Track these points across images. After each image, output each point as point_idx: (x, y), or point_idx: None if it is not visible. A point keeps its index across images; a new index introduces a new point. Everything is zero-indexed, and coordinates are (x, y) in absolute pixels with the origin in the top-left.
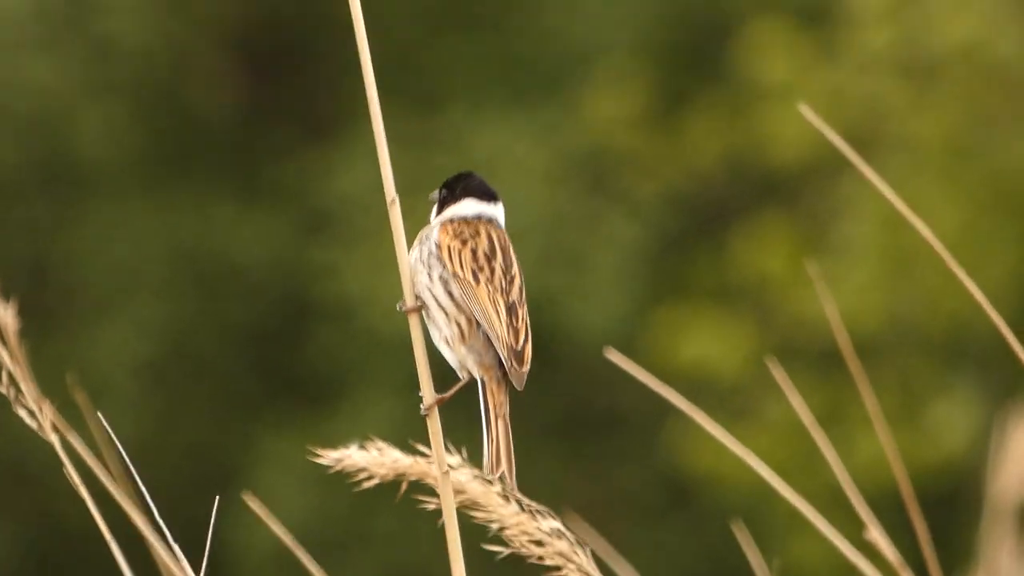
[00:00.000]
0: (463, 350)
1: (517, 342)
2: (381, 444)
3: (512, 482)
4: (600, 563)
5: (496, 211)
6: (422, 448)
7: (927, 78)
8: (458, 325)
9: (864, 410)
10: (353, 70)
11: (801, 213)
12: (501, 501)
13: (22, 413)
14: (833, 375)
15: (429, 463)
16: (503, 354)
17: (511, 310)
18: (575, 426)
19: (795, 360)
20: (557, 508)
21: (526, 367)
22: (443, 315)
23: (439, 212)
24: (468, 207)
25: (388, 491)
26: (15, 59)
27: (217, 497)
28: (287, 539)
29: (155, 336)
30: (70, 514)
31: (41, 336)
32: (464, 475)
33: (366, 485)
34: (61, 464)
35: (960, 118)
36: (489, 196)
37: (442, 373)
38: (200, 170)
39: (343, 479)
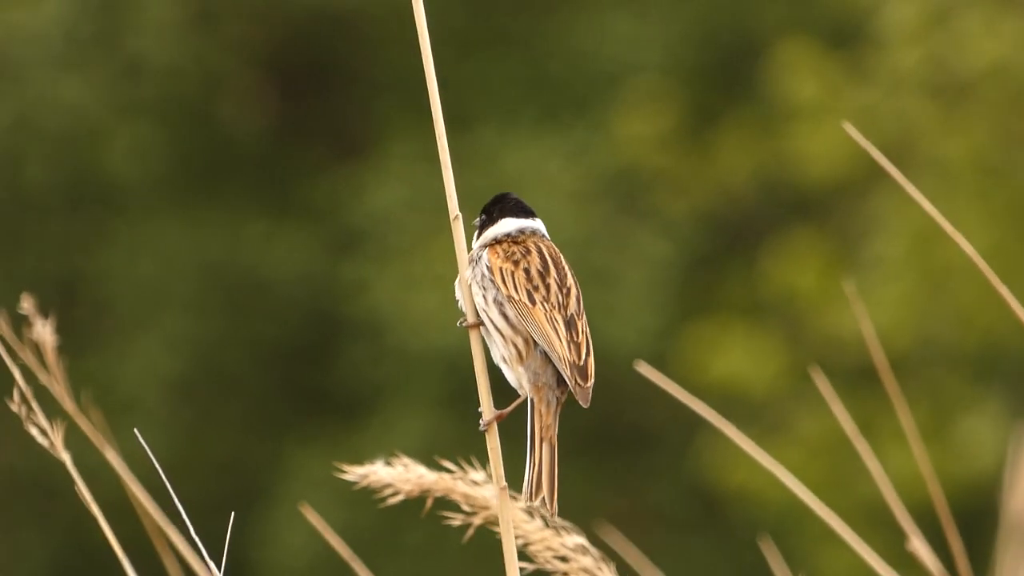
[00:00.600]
0: (520, 369)
1: (580, 357)
2: (407, 460)
3: (552, 507)
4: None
5: (536, 225)
6: (447, 464)
7: (957, 98)
8: (515, 346)
9: (894, 426)
10: (384, 89)
11: (831, 230)
12: (526, 517)
13: (34, 431)
14: (862, 391)
15: (455, 479)
16: (566, 373)
17: (570, 324)
18: (605, 441)
19: (827, 375)
20: (586, 523)
21: (590, 382)
22: (500, 336)
23: (479, 237)
24: (507, 225)
25: (416, 506)
26: (46, 78)
27: (232, 513)
28: (342, 548)
29: (185, 353)
30: (96, 528)
31: (71, 353)
32: (489, 491)
33: (392, 501)
34: (74, 482)
35: (989, 138)
36: (526, 212)
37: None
38: (230, 188)
39: (370, 495)
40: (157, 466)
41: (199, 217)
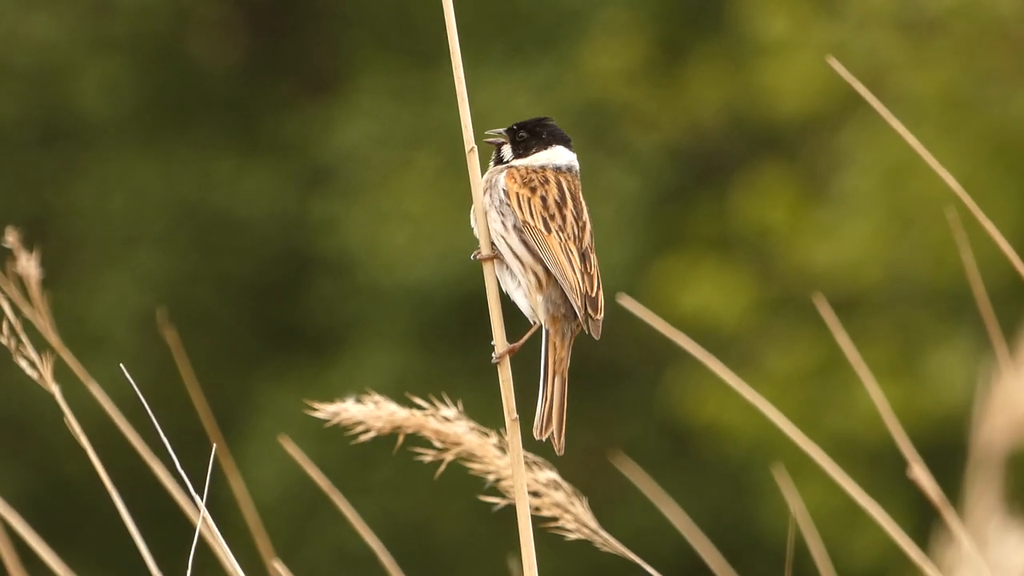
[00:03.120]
0: (539, 298)
1: (592, 289)
2: (378, 397)
3: (560, 443)
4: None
5: (575, 163)
6: (418, 401)
7: (926, 34)
8: (535, 274)
9: (865, 360)
10: (353, 24)
11: (801, 165)
12: (497, 453)
13: (23, 363)
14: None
15: (426, 416)
16: (576, 304)
17: (584, 257)
18: (574, 377)
19: (796, 310)
20: (559, 459)
21: (601, 314)
22: (518, 263)
23: (520, 154)
24: (562, 155)
25: (384, 443)
26: (15, 14)
27: (214, 446)
28: (321, 480)
29: (155, 289)
30: (66, 463)
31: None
32: (460, 427)
33: (363, 438)
34: (62, 415)
35: (959, 73)
36: (568, 144)
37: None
38: (200, 124)
39: (339, 431)
40: (144, 400)
41: (169, 153)
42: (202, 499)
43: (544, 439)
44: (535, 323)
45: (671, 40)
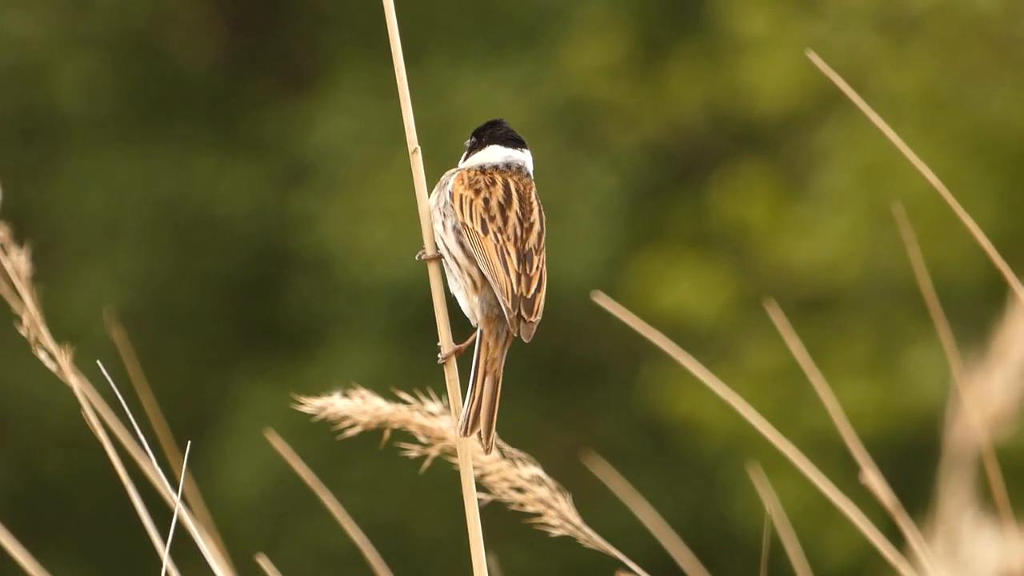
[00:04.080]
0: (475, 299)
1: (528, 290)
2: (364, 392)
3: (488, 444)
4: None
5: (524, 157)
6: (403, 396)
7: (906, 32)
8: (470, 276)
9: (842, 357)
10: (332, 22)
11: (780, 162)
12: (482, 448)
13: (42, 355)
14: (812, 322)
15: (412, 411)
16: (506, 305)
17: (525, 258)
18: (552, 374)
19: (774, 307)
20: (537, 456)
21: (536, 317)
22: (456, 265)
23: (465, 158)
24: (495, 154)
25: (363, 439)
26: None
27: (189, 442)
28: (306, 474)
29: (134, 286)
30: (49, 459)
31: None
32: (446, 422)
33: (349, 433)
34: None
35: (938, 71)
36: (516, 142)
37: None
38: (179, 121)
39: (319, 428)
40: (120, 398)
41: (148, 151)
42: (177, 493)
43: (469, 437)
44: (475, 324)
45: (651, 38)
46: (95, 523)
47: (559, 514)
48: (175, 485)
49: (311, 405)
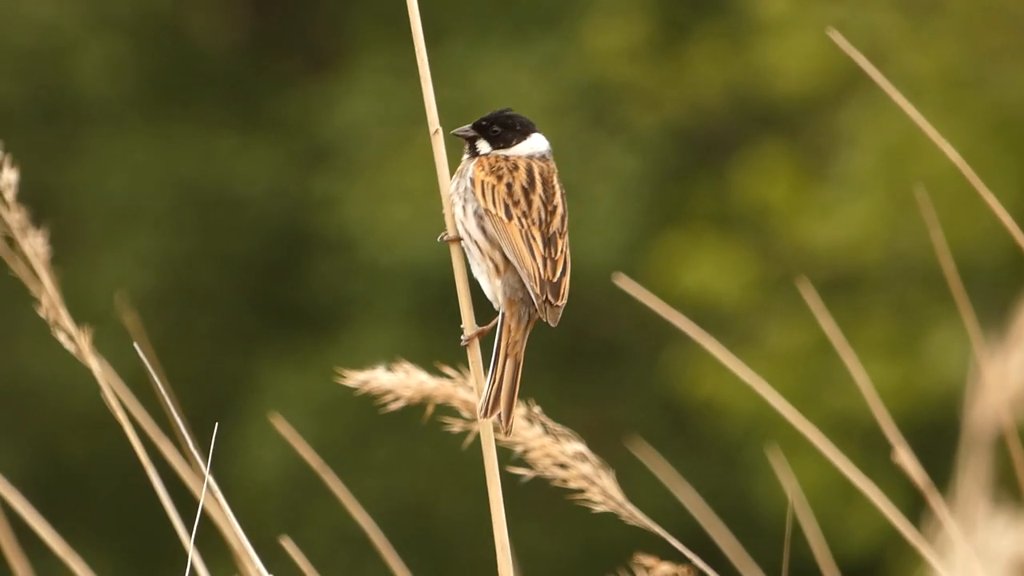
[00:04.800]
0: (497, 283)
1: (554, 274)
2: (408, 366)
3: (508, 425)
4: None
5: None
6: (447, 370)
7: (926, 13)
8: (492, 260)
9: (864, 339)
10: (354, 2)
11: (802, 144)
12: (525, 424)
13: (61, 337)
14: (834, 304)
15: (455, 386)
16: (533, 290)
17: (549, 241)
18: (573, 355)
19: (796, 288)
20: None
21: (562, 301)
22: (477, 249)
23: (501, 146)
24: (540, 143)
25: (387, 421)
26: None
27: (217, 424)
28: (312, 459)
29: (155, 268)
30: (68, 440)
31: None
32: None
33: (392, 407)
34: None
35: (959, 52)
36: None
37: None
38: (201, 103)
39: (340, 409)
40: (154, 376)
41: (170, 132)
42: (204, 479)
43: (491, 419)
44: (497, 308)
45: (672, 19)
46: (116, 506)
47: (602, 491)
48: (196, 468)
49: (354, 379)
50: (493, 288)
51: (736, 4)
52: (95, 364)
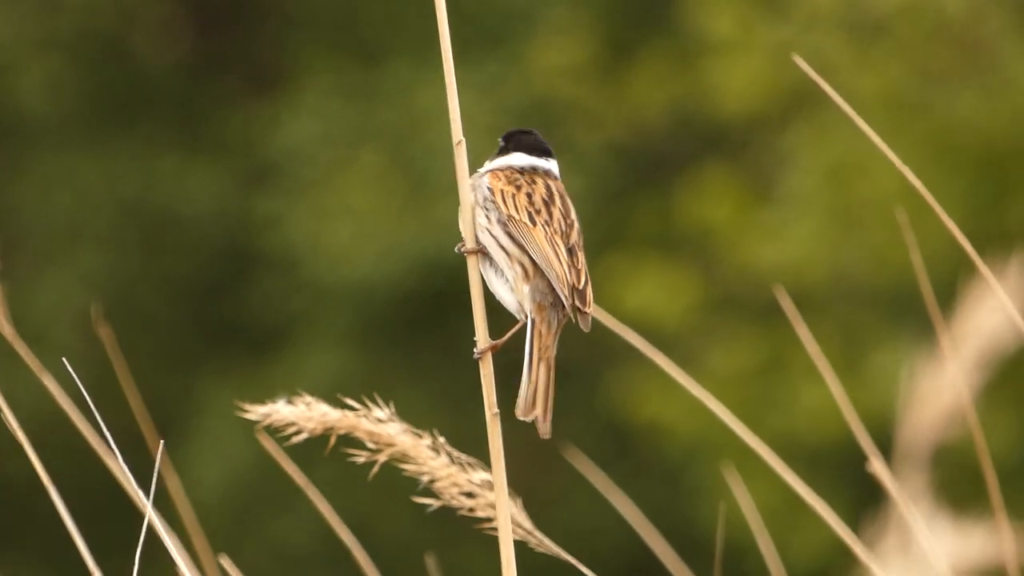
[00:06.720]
0: (525, 289)
1: (579, 282)
2: (309, 398)
3: (546, 427)
4: (541, 513)
5: (550, 166)
6: (351, 402)
7: (872, 35)
8: (521, 265)
9: (806, 360)
10: (297, 23)
11: (745, 165)
12: (431, 454)
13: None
14: (777, 324)
15: (358, 416)
16: (563, 293)
17: (571, 252)
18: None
19: (739, 310)
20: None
21: (590, 308)
22: (504, 255)
23: (492, 161)
24: (517, 159)
25: (324, 443)
26: None
27: (162, 441)
28: (298, 477)
29: (97, 286)
30: (9, 464)
31: None
32: (394, 428)
33: (295, 440)
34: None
35: (904, 74)
36: (542, 152)
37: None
38: (144, 122)
39: (277, 431)
40: (88, 398)
41: (112, 151)
42: (148, 496)
43: (529, 420)
44: (519, 320)
45: (617, 39)
46: (57, 526)
47: (511, 518)
48: (141, 485)
49: (256, 412)
50: (519, 294)
51: (681, 25)
52: (49, 382)
